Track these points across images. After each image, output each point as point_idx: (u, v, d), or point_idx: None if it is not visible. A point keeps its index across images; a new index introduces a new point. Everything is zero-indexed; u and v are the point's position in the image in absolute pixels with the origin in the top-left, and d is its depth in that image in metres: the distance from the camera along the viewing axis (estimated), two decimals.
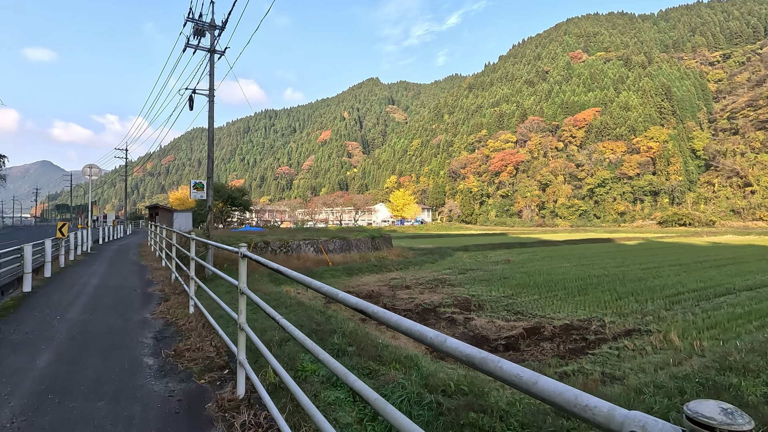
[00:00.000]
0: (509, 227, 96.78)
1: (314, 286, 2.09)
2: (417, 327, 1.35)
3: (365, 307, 1.65)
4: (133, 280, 10.82)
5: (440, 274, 16.08)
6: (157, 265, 13.93)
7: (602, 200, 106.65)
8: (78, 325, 6.34)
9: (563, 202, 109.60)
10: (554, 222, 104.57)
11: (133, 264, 14.56)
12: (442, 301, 10.60)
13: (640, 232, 57.84)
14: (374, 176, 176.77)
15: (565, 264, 18.62)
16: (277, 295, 10.05)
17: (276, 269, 2.57)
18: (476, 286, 13.03)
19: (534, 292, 11.83)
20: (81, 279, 10.77)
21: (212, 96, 14.18)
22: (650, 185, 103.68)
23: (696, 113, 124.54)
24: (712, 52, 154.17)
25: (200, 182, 15.70)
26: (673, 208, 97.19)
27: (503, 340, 7.12)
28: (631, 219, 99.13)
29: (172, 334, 6.00)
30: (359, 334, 5.89)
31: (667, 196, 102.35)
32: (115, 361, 4.86)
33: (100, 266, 13.72)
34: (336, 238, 19.40)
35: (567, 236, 46.69)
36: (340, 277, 14.90)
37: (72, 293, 8.84)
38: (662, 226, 79.30)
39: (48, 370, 4.50)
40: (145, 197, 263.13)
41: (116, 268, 13.49)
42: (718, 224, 77.49)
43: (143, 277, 11.34)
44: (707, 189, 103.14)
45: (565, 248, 29.28)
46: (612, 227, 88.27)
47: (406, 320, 1.42)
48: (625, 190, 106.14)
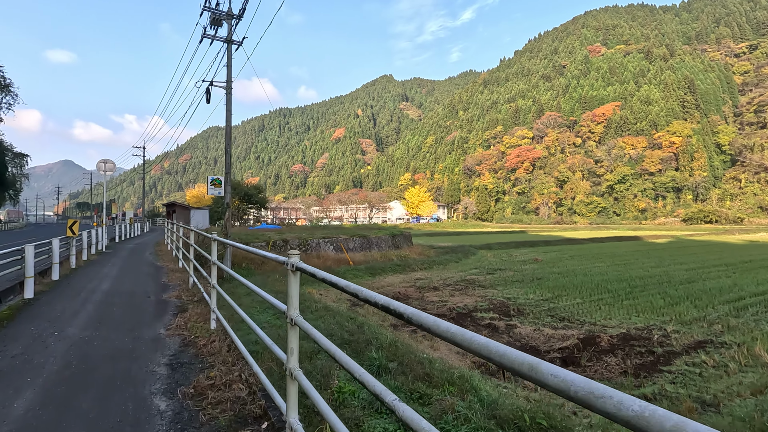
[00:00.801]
0: (526, 225, 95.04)
1: (370, 299, 1.68)
2: (472, 336, 1.16)
3: (414, 315, 1.39)
4: (147, 284, 10.02)
5: (467, 274, 15.25)
6: (174, 266, 13.17)
7: (622, 197, 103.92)
8: (77, 346, 5.34)
9: (581, 198, 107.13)
10: (572, 219, 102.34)
11: (148, 265, 13.84)
12: (477, 305, 9.78)
13: (665, 229, 55.78)
14: (388, 173, 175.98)
15: (599, 263, 17.58)
16: (301, 297, 9.40)
17: (351, 290, 1.93)
18: (509, 287, 12.17)
19: (575, 295, 10.93)
20: (91, 283, 10.02)
21: (230, 88, 13.60)
22: (673, 181, 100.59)
23: (721, 107, 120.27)
24: (737, 43, 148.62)
25: (218, 178, 15.14)
26: (697, 204, 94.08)
27: (557, 353, 6.31)
28: (653, 216, 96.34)
29: (191, 359, 5.00)
30: (399, 347, 5.14)
31: (690, 192, 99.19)
32: (116, 404, 3.73)
33: (113, 267, 12.97)
34: (356, 236, 18.71)
35: (591, 234, 45.15)
36: (362, 277, 14.19)
37: (78, 301, 8.02)
38: (687, 223, 76.67)
39: (24, 421, 3.39)
40: (162, 195, 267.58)
41: (130, 269, 12.74)
42: (747, 222, 74.53)
43: (158, 281, 10.57)
44: (733, 185, 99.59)
45: (592, 246, 28.04)
46: (633, 224, 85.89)
47: (453, 326, 1.24)
48: (647, 186, 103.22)
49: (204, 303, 7.49)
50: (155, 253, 17.43)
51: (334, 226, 34.68)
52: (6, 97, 44.75)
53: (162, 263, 14.04)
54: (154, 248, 19.51)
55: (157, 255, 16.53)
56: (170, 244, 16.78)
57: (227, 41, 13.44)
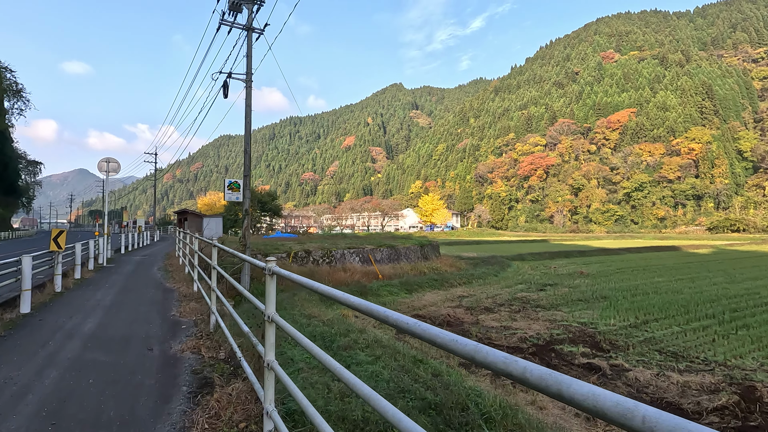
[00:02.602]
0: (542, 233, 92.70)
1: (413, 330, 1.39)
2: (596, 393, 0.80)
3: (504, 362, 1.02)
4: (149, 321, 7.14)
5: (516, 290, 13.49)
6: (187, 289, 10.31)
7: (640, 205, 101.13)
8: None
9: (597, 206, 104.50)
10: (589, 228, 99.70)
11: (155, 286, 11.03)
12: (552, 334, 8.04)
13: (695, 238, 53.25)
14: (398, 181, 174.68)
15: (658, 278, 15.68)
16: (337, 323, 7.76)
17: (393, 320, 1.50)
18: (576, 309, 10.37)
19: (666, 320, 9.11)
20: (71, 320, 7.11)
21: (250, 80, 12.17)
22: (693, 189, 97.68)
23: (740, 113, 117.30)
24: (755, 48, 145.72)
25: (236, 182, 13.68)
26: (719, 213, 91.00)
27: (713, 415, 4.57)
28: (673, 225, 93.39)
29: None
30: (522, 421, 3.45)
31: (712, 200, 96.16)
32: None
33: (109, 290, 10.24)
34: (383, 247, 17.07)
35: (620, 243, 42.81)
36: (398, 295, 12.51)
37: (36, 363, 4.89)
38: (713, 232, 73.75)
39: None
40: (174, 203, 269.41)
41: (131, 293, 9.95)
42: None
43: (166, 315, 7.62)
44: (757, 192, 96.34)
45: (632, 257, 26.04)
46: (653, 233, 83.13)
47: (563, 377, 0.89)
48: (665, 194, 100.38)
49: (238, 368, 4.59)
50: (164, 268, 15.22)
51: (353, 234, 33.13)
52: (18, 102, 44.37)
53: (172, 284, 11.35)
54: (164, 261, 17.26)
55: (167, 271, 14.24)
56: (182, 257, 14.73)
57: (247, 28, 12.05)
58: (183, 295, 9.51)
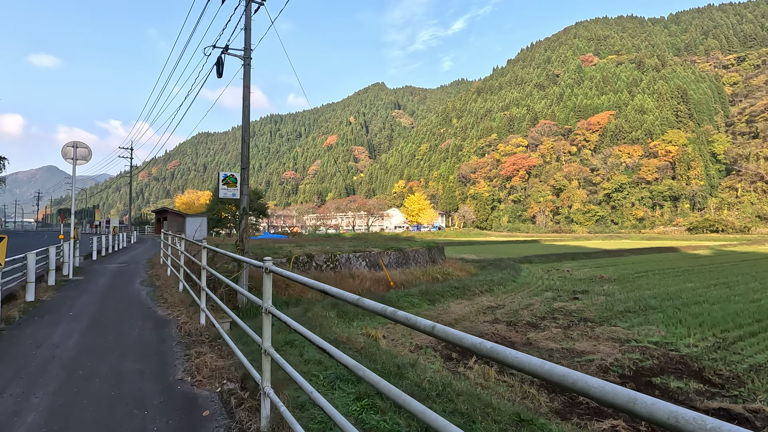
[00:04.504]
0: (525, 233, 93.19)
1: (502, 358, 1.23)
2: None
3: None
4: (143, 407, 3.91)
5: (547, 300, 12.32)
6: (190, 320, 6.98)
7: (620, 205, 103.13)
8: None
9: (578, 207, 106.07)
10: (570, 228, 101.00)
11: (141, 315, 7.58)
12: (634, 361, 6.76)
13: (681, 239, 53.95)
14: (381, 181, 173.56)
15: (689, 284, 14.82)
16: (372, 350, 6.36)
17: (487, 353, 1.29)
18: (633, 324, 9.13)
19: (749, 338, 8.20)
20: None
21: (248, 57, 10.61)
22: (670, 190, 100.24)
23: (713, 116, 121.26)
24: (726, 55, 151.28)
25: (232, 175, 11.84)
26: (695, 213, 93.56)
27: None
28: (651, 225, 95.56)
29: None
30: None
31: (688, 201, 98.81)
32: None
33: (73, 325, 6.78)
34: (390, 250, 15.71)
35: (615, 244, 42.65)
36: (421, 306, 11.16)
37: None
38: (692, 232, 75.45)
39: None
40: (150, 202, 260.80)
41: (107, 333, 6.44)
42: (753, 231, 73.66)
43: (170, 387, 4.40)
44: (730, 194, 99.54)
45: (640, 259, 25.50)
46: (632, 233, 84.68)
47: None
48: (644, 195, 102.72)
49: None
50: (150, 281, 11.68)
51: (353, 236, 31.54)
52: None
53: (165, 309, 8.06)
54: (147, 271, 13.92)
55: (153, 286, 10.81)
56: (172, 268, 11.94)
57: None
58: (187, 333, 6.32)
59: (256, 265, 3.54)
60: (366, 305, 1.91)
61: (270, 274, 3.21)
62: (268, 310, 3.15)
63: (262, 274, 3.25)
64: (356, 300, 1.98)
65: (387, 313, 1.71)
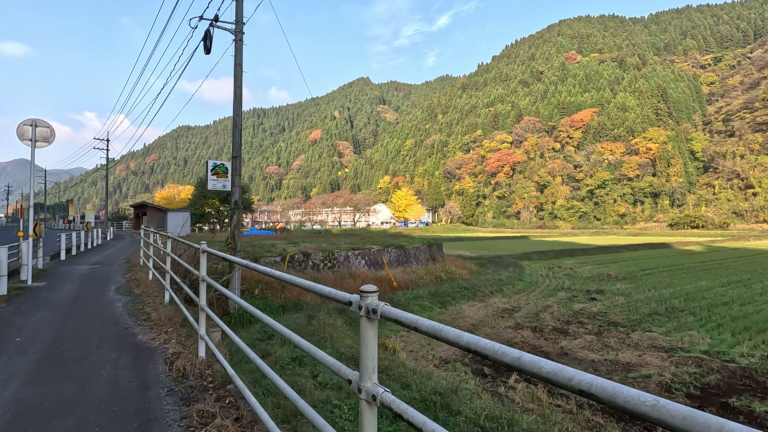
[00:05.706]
0: (510, 229, 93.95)
1: None
2: None
3: None
4: None
5: (564, 301, 11.69)
6: (182, 348, 5.24)
7: (602, 201, 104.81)
8: None
9: (562, 203, 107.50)
10: (554, 224, 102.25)
11: (115, 343, 5.53)
12: (695, 375, 6.33)
13: (666, 235, 54.79)
14: (367, 176, 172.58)
15: (702, 282, 14.53)
16: (389, 364, 5.79)
17: None
18: (668, 328, 8.49)
19: None
20: None
21: (240, 31, 9.86)
22: (650, 187, 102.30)
23: (692, 115, 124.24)
24: (703, 55, 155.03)
25: (222, 164, 10.98)
26: (674, 210, 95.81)
27: None
28: (632, 221, 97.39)
29: None
30: None
31: (667, 197, 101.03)
32: None
33: (13, 362, 4.75)
34: (390, 247, 15.12)
35: (605, 240, 42.85)
36: (432, 309, 10.50)
37: None
38: (673, 228, 77.09)
39: None
40: (128, 197, 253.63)
41: (64, 374, 4.42)
42: (732, 227, 75.70)
43: None
44: (707, 191, 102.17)
45: (637, 255, 25.50)
46: (615, 228, 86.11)
47: None
48: (626, 191, 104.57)
49: None
50: (127, 288, 9.70)
51: (361, 232, 30.86)
52: None
53: (148, 331, 6.08)
54: (124, 275, 11.83)
55: (132, 295, 8.83)
56: (153, 270, 10.30)
57: None
58: (180, 372, 4.45)
59: (263, 271, 2.71)
60: (409, 322, 1.38)
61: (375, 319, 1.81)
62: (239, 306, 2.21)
63: (260, 277, 2.23)
64: (415, 321, 1.33)
65: (442, 335, 1.23)
